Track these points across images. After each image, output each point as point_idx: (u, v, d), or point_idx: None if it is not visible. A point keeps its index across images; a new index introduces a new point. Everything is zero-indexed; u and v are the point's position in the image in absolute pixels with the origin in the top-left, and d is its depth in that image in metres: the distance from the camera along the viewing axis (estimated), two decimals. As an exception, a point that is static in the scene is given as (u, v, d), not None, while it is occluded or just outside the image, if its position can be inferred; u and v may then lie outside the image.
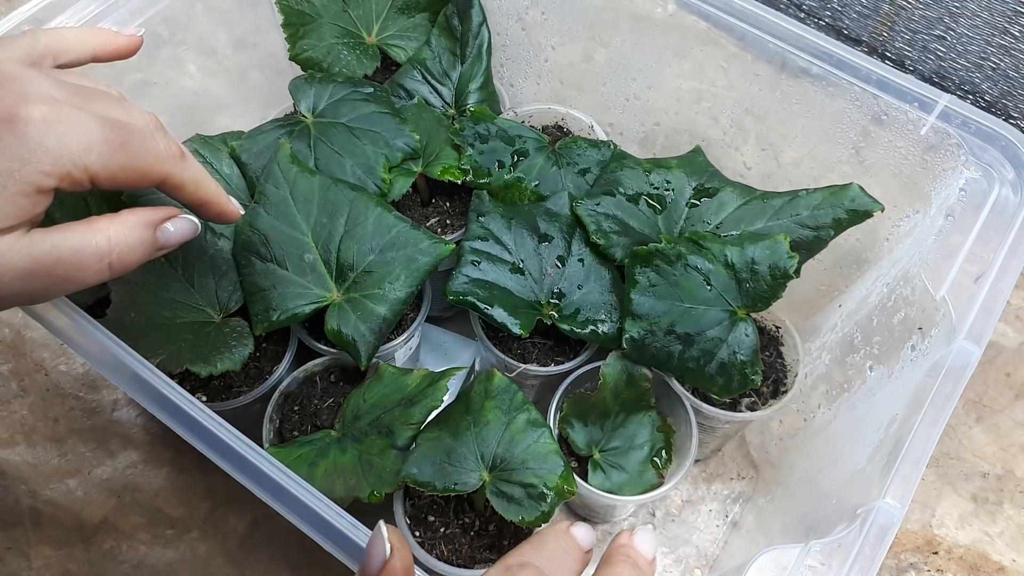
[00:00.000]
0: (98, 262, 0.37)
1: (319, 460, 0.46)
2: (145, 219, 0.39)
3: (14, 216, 0.34)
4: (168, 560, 0.59)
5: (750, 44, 0.52)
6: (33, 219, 0.35)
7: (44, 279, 0.35)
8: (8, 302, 0.36)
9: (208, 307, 0.51)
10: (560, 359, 0.55)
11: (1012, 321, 0.71)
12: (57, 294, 0.37)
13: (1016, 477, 0.64)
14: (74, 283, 0.36)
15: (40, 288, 0.36)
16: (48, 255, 0.35)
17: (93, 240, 0.37)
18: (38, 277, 0.35)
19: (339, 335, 0.49)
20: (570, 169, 0.58)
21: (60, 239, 0.36)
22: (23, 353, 0.66)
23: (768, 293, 0.49)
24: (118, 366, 0.39)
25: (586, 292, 0.54)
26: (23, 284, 0.35)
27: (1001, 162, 0.46)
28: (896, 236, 0.52)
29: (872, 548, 0.37)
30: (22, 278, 0.35)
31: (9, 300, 0.36)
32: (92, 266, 0.36)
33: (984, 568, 0.60)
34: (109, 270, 0.37)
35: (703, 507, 0.63)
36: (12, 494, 0.60)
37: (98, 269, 0.37)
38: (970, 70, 0.75)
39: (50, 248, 0.35)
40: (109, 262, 0.37)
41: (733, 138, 0.59)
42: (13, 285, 0.35)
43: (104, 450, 0.63)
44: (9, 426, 0.63)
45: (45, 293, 0.36)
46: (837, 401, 0.53)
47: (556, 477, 0.44)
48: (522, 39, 0.65)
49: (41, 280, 0.35)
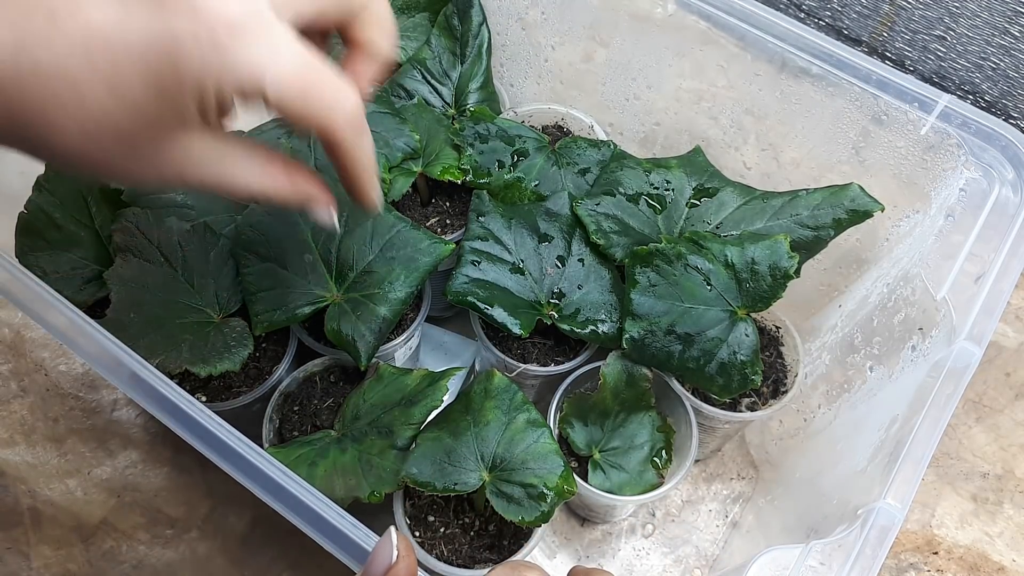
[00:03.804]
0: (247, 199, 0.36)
1: (319, 460, 0.46)
2: (308, 194, 0.36)
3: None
4: (168, 560, 0.59)
5: (750, 44, 0.52)
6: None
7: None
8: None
9: (208, 307, 0.51)
10: (560, 359, 0.55)
11: (1012, 321, 0.71)
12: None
13: (1016, 477, 0.64)
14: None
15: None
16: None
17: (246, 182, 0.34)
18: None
19: (339, 335, 0.49)
20: (570, 169, 0.58)
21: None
22: (23, 353, 0.66)
23: (768, 293, 0.49)
24: (117, 366, 0.39)
25: (586, 292, 0.53)
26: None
27: (1001, 162, 0.46)
28: (896, 236, 0.52)
29: (873, 548, 0.37)
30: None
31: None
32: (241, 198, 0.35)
33: (984, 568, 0.60)
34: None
35: (703, 507, 0.63)
36: (12, 494, 0.60)
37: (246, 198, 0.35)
38: (970, 70, 0.75)
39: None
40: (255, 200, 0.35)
41: (733, 138, 0.59)
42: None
43: (104, 450, 0.63)
44: (9, 426, 0.63)
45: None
46: (837, 401, 0.53)
47: (556, 477, 0.44)
48: (522, 39, 0.65)
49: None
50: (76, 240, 0.53)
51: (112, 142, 0.29)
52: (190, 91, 0.29)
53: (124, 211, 0.52)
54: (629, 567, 0.60)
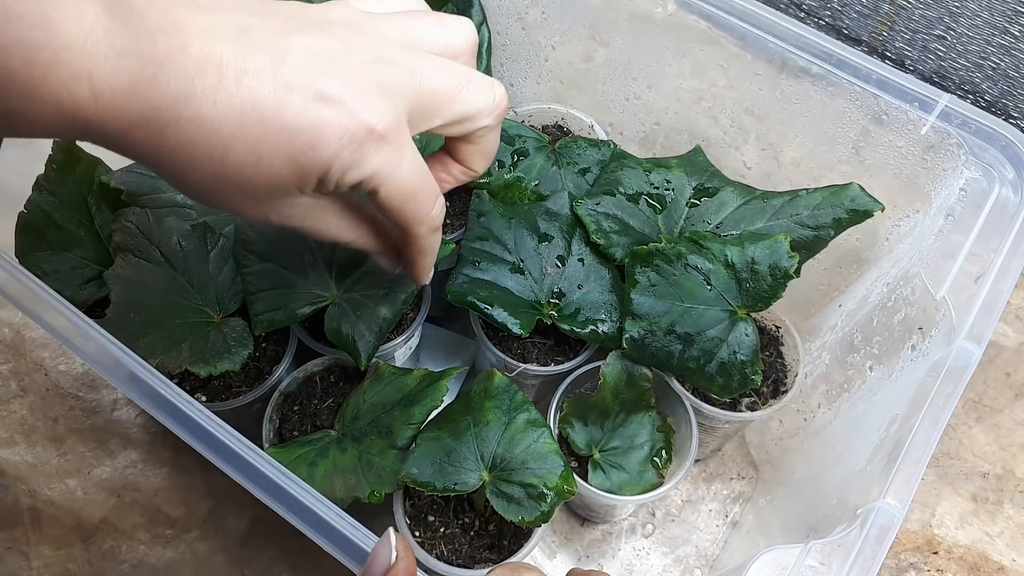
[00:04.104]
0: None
1: (319, 460, 0.46)
2: (381, 250, 0.42)
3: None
4: (168, 560, 0.59)
5: (750, 44, 0.52)
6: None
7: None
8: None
9: (208, 307, 0.51)
10: (560, 359, 0.55)
11: (1012, 321, 0.71)
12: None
13: (1016, 477, 0.64)
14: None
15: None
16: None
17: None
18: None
19: (339, 335, 0.49)
20: (570, 169, 0.58)
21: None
22: (23, 353, 0.66)
23: (768, 293, 0.49)
24: (116, 367, 0.39)
25: (586, 292, 0.53)
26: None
27: (1001, 162, 0.46)
28: (896, 236, 0.52)
29: (872, 548, 0.37)
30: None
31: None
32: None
33: (984, 568, 0.60)
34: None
35: (703, 507, 0.63)
36: (12, 494, 0.60)
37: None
38: (970, 70, 0.75)
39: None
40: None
41: (733, 138, 0.59)
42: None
43: (104, 450, 0.63)
44: (9, 426, 0.63)
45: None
46: (837, 401, 0.53)
47: (556, 477, 0.44)
48: (522, 38, 0.65)
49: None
50: (76, 240, 0.53)
51: (236, 191, 0.33)
52: (320, 172, 0.33)
53: (124, 211, 0.52)
54: (629, 567, 0.60)
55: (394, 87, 0.34)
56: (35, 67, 0.28)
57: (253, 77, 0.31)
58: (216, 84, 0.30)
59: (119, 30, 0.29)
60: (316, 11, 0.35)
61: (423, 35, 0.37)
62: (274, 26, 0.33)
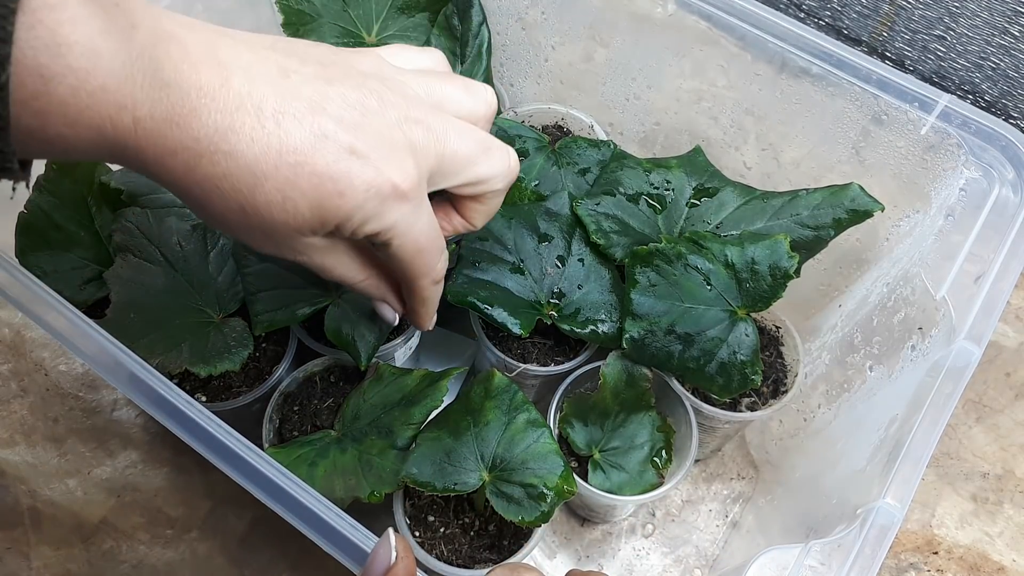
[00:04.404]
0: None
1: (319, 460, 0.46)
2: (384, 297, 0.44)
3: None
4: (168, 560, 0.59)
5: (750, 44, 0.52)
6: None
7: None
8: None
9: (208, 307, 0.51)
10: (560, 359, 0.55)
11: (1012, 321, 0.71)
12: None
13: (1016, 477, 0.64)
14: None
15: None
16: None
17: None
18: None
19: (339, 335, 0.49)
20: (570, 169, 0.58)
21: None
22: (23, 353, 0.66)
23: (768, 293, 0.49)
24: (116, 367, 0.39)
25: (586, 292, 0.53)
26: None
27: (1001, 162, 0.46)
28: (896, 236, 0.52)
29: (872, 548, 0.37)
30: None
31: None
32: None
33: (984, 568, 0.60)
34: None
35: (703, 507, 0.63)
36: (12, 494, 0.60)
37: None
38: (970, 70, 0.75)
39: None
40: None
41: (733, 138, 0.59)
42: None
43: (104, 450, 0.63)
44: (9, 426, 0.63)
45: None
46: (837, 401, 0.53)
47: (556, 477, 0.44)
48: (522, 39, 0.65)
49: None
50: (76, 240, 0.53)
51: (257, 225, 0.34)
52: (340, 219, 0.34)
53: (124, 211, 0.52)
54: (629, 567, 0.60)
55: (420, 148, 0.36)
56: (81, 95, 0.29)
57: (291, 121, 0.32)
58: (255, 123, 0.31)
59: (164, 61, 0.30)
60: (351, 60, 0.37)
61: (450, 98, 0.39)
62: (312, 72, 0.34)
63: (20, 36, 0.26)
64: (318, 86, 0.34)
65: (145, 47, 0.30)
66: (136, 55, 0.29)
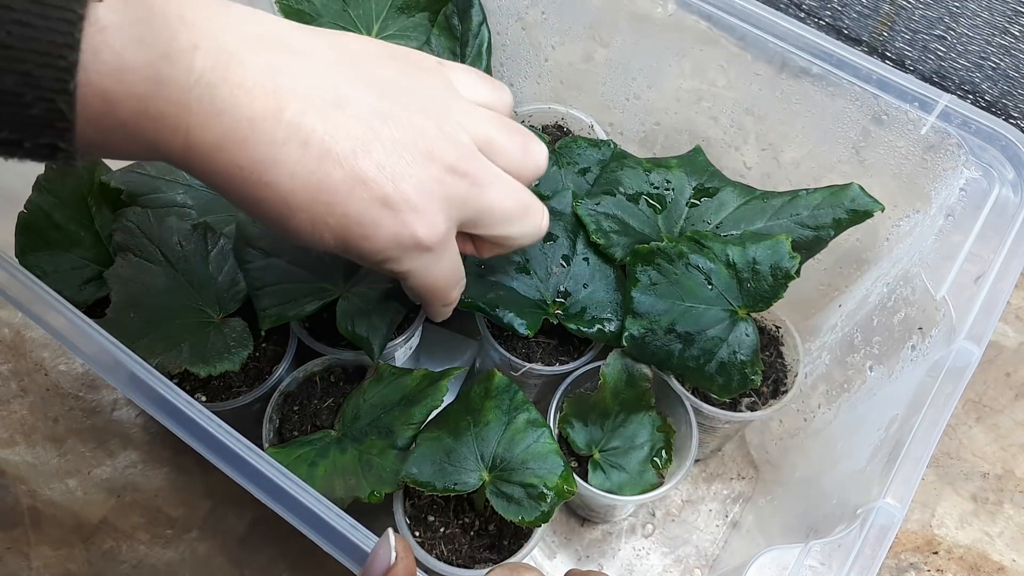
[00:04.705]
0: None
1: (319, 460, 0.46)
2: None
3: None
4: (168, 560, 0.59)
5: (750, 44, 0.52)
6: None
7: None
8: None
9: (208, 307, 0.51)
10: (564, 359, 0.55)
11: (1012, 321, 0.71)
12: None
13: (1016, 477, 0.64)
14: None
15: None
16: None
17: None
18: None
19: (350, 328, 0.49)
20: (570, 168, 0.58)
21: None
22: (23, 353, 0.66)
23: (769, 293, 0.49)
24: (116, 367, 0.39)
25: (592, 291, 0.53)
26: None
27: (1001, 162, 0.46)
28: (896, 236, 0.52)
29: (872, 548, 0.37)
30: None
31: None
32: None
33: (984, 568, 0.60)
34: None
35: (703, 507, 0.62)
36: (12, 494, 0.60)
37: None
38: (970, 70, 0.75)
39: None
40: None
41: (733, 138, 0.59)
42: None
43: (104, 450, 0.63)
44: (9, 426, 0.63)
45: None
46: (837, 401, 0.53)
47: (556, 477, 0.44)
48: (522, 38, 0.65)
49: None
50: (76, 240, 0.53)
51: (283, 234, 0.35)
52: (360, 254, 0.36)
53: (124, 210, 0.52)
54: (629, 567, 0.60)
55: (458, 201, 0.36)
56: (140, 119, 0.29)
57: (334, 163, 0.33)
58: (299, 158, 0.32)
59: (220, 87, 0.31)
60: (419, 82, 0.37)
61: (503, 151, 0.39)
62: (370, 104, 0.34)
63: (86, 60, 0.27)
64: (371, 123, 0.34)
65: (204, 71, 0.30)
66: (195, 81, 0.30)
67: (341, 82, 0.34)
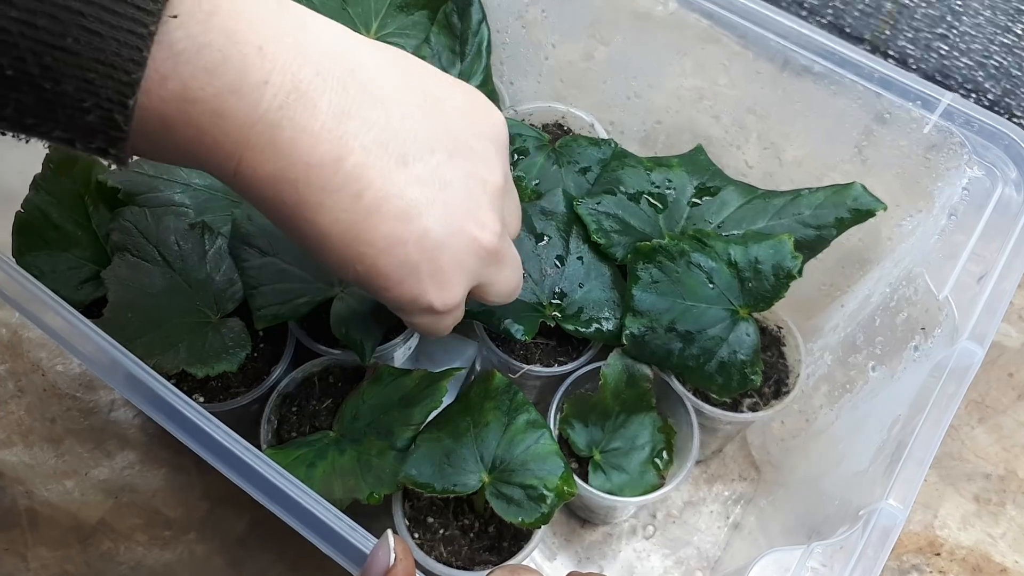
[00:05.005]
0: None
1: (317, 461, 0.45)
2: None
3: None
4: (166, 561, 0.58)
5: (752, 42, 0.52)
6: None
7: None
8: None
9: (206, 307, 0.51)
10: (563, 359, 0.55)
11: (1015, 321, 0.70)
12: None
13: (1019, 478, 0.64)
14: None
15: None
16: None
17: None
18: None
19: (343, 329, 0.49)
20: (571, 168, 0.58)
21: None
22: (20, 353, 0.66)
23: (771, 293, 0.49)
24: (113, 367, 0.38)
25: (588, 290, 0.53)
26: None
27: (1004, 161, 0.46)
28: (899, 235, 0.52)
29: (875, 550, 0.37)
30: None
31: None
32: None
33: (986, 569, 0.60)
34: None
35: (704, 508, 0.62)
36: (9, 495, 0.60)
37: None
38: (973, 68, 0.75)
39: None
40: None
41: (735, 137, 0.59)
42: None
43: (101, 451, 0.62)
44: (6, 427, 0.63)
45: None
46: (839, 402, 0.52)
47: (556, 478, 0.44)
48: (522, 37, 0.65)
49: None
50: (73, 239, 0.53)
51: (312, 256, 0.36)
52: (377, 297, 0.36)
53: (122, 210, 0.52)
54: (630, 569, 0.60)
55: (478, 274, 0.37)
56: (196, 144, 0.29)
57: (381, 220, 0.33)
58: (347, 206, 0.32)
59: (284, 127, 0.30)
60: (479, 147, 0.36)
61: (512, 216, 0.41)
62: (435, 165, 0.34)
63: (151, 84, 0.27)
64: (430, 187, 0.33)
65: (270, 109, 0.29)
66: (258, 118, 0.29)
67: (410, 138, 0.33)
